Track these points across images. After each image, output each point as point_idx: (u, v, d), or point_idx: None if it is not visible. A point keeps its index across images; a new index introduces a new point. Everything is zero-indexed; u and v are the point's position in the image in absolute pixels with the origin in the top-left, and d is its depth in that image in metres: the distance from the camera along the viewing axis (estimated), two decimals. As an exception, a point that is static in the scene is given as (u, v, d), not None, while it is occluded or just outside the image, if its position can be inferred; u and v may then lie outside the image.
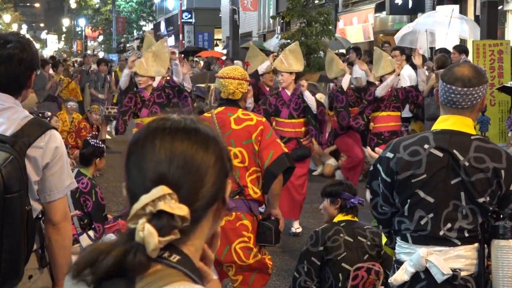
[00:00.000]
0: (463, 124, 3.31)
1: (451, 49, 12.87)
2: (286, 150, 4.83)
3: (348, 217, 4.87)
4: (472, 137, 3.30)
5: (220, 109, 4.81)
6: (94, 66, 18.51)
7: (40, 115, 9.07)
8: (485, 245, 3.28)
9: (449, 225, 3.25)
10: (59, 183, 3.00)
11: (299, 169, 8.00)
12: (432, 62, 12.03)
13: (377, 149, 3.67)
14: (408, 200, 3.30)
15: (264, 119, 4.88)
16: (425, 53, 15.00)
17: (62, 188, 3.02)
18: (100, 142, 7.11)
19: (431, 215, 3.27)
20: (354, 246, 4.65)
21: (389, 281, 3.44)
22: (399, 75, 9.30)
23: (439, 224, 3.25)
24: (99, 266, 1.41)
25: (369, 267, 4.62)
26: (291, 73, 8.43)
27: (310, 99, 8.37)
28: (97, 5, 54.68)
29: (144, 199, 1.42)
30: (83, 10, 58.83)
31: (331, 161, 12.66)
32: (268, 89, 9.65)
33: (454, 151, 3.24)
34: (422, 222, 3.28)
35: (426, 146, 3.29)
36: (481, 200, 3.22)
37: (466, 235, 3.26)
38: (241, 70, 4.95)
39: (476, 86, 3.26)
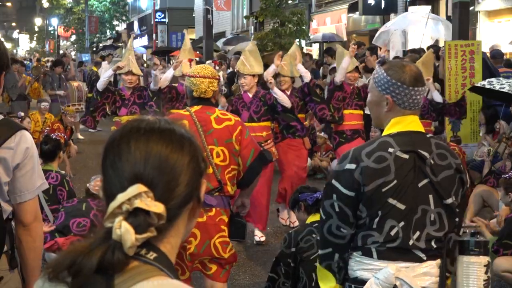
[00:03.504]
0: (416, 123, 3.14)
1: (425, 50, 12.98)
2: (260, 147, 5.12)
3: (317, 217, 4.86)
4: (427, 135, 3.16)
5: (197, 107, 4.90)
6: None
7: (7, 115, 9.03)
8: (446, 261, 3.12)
9: (417, 233, 3.04)
10: (29, 184, 2.98)
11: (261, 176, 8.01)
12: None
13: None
14: (379, 212, 3.03)
15: (239, 119, 5.07)
16: (398, 53, 15.11)
17: (33, 189, 3.00)
18: (59, 135, 7.12)
19: (402, 223, 3.03)
20: None
21: None
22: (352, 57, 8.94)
23: (409, 232, 3.03)
24: (82, 268, 1.43)
25: None
26: (253, 75, 8.18)
27: (280, 95, 8.18)
28: (69, 5, 54.30)
29: (121, 197, 1.44)
30: (56, 10, 58.35)
31: (305, 161, 12.67)
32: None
33: (419, 150, 3.06)
34: (393, 233, 3.03)
35: (390, 150, 3.04)
36: (449, 200, 3.06)
37: (434, 246, 3.05)
38: (211, 69, 5.10)
39: (425, 84, 3.18)
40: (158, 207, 1.46)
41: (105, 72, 9.36)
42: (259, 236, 8.21)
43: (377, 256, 3.05)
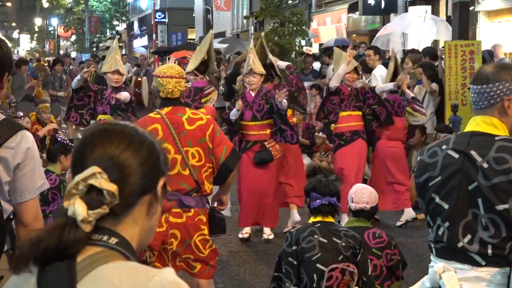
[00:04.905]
0: (485, 123, 3.02)
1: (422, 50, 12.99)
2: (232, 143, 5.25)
3: (319, 218, 4.83)
4: (496, 138, 2.95)
5: (167, 109, 4.94)
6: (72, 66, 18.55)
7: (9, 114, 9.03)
8: None
9: (469, 236, 2.93)
10: (30, 184, 2.98)
11: (265, 175, 8.01)
12: (404, 64, 12.13)
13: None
14: (429, 207, 3.07)
15: (210, 117, 5.12)
16: (398, 54, 15.14)
17: (33, 189, 3.00)
18: (68, 140, 7.10)
19: (446, 223, 2.98)
20: (328, 247, 4.64)
21: None
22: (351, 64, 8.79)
23: (457, 234, 2.95)
24: (39, 248, 1.55)
25: (343, 267, 4.61)
26: (261, 75, 8.19)
27: (283, 105, 7.94)
28: (69, 5, 54.29)
29: (77, 177, 1.59)
30: (56, 10, 58.34)
31: (305, 161, 12.69)
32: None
33: (472, 152, 2.94)
34: (440, 232, 3.01)
35: (444, 147, 3.05)
36: (501, 207, 2.85)
37: (490, 252, 2.89)
38: (178, 68, 5.11)
39: (491, 83, 2.98)
40: (111, 186, 1.60)
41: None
42: (267, 234, 8.28)
43: (435, 253, 3.07)
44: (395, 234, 7.99)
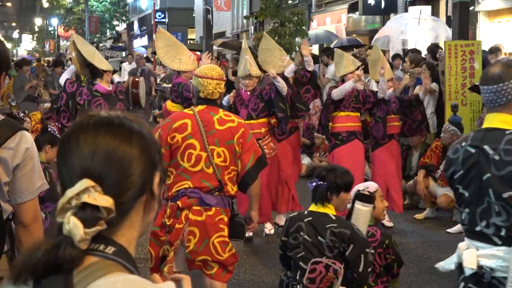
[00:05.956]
0: (499, 120, 3.34)
1: (423, 50, 12.99)
2: (261, 150, 5.11)
3: (312, 207, 4.79)
4: (507, 132, 3.30)
5: (201, 107, 4.96)
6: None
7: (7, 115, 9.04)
8: None
9: (484, 221, 3.30)
10: (29, 185, 2.97)
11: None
12: (405, 63, 12.13)
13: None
14: (456, 196, 3.49)
15: (243, 121, 5.10)
16: (399, 53, 15.12)
17: (33, 190, 3.00)
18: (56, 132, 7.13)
19: (467, 210, 3.38)
20: (311, 246, 4.64)
21: (436, 265, 3.74)
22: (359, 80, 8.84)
23: (475, 219, 3.33)
24: (37, 266, 1.46)
25: (328, 263, 4.59)
26: (257, 76, 8.33)
27: (281, 82, 8.18)
28: (69, 5, 54.28)
29: (69, 193, 1.47)
30: (56, 10, 58.35)
31: (305, 160, 12.68)
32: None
33: (485, 146, 3.30)
34: (463, 217, 3.42)
35: (463, 143, 3.42)
36: (506, 194, 3.21)
37: (504, 233, 3.25)
38: (219, 70, 5.11)
39: (506, 81, 3.30)
40: (106, 201, 1.48)
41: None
42: (268, 228, 8.42)
43: (465, 233, 3.47)
44: (395, 234, 7.98)
